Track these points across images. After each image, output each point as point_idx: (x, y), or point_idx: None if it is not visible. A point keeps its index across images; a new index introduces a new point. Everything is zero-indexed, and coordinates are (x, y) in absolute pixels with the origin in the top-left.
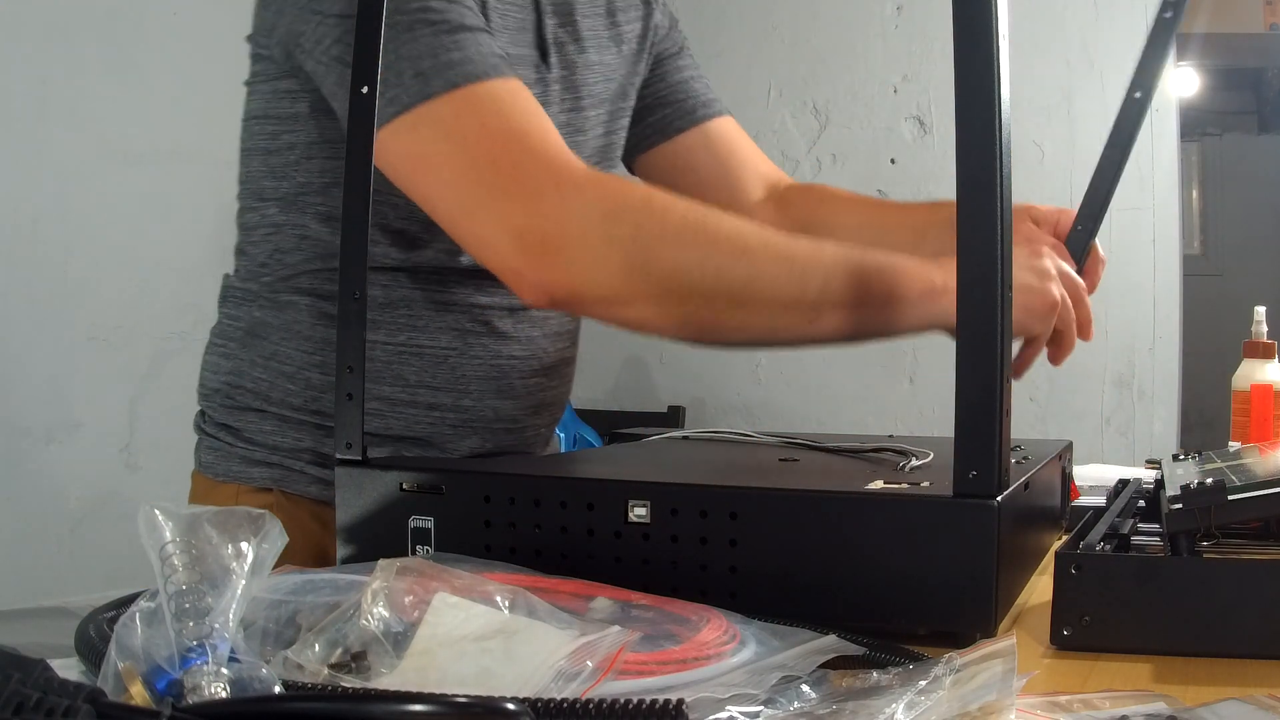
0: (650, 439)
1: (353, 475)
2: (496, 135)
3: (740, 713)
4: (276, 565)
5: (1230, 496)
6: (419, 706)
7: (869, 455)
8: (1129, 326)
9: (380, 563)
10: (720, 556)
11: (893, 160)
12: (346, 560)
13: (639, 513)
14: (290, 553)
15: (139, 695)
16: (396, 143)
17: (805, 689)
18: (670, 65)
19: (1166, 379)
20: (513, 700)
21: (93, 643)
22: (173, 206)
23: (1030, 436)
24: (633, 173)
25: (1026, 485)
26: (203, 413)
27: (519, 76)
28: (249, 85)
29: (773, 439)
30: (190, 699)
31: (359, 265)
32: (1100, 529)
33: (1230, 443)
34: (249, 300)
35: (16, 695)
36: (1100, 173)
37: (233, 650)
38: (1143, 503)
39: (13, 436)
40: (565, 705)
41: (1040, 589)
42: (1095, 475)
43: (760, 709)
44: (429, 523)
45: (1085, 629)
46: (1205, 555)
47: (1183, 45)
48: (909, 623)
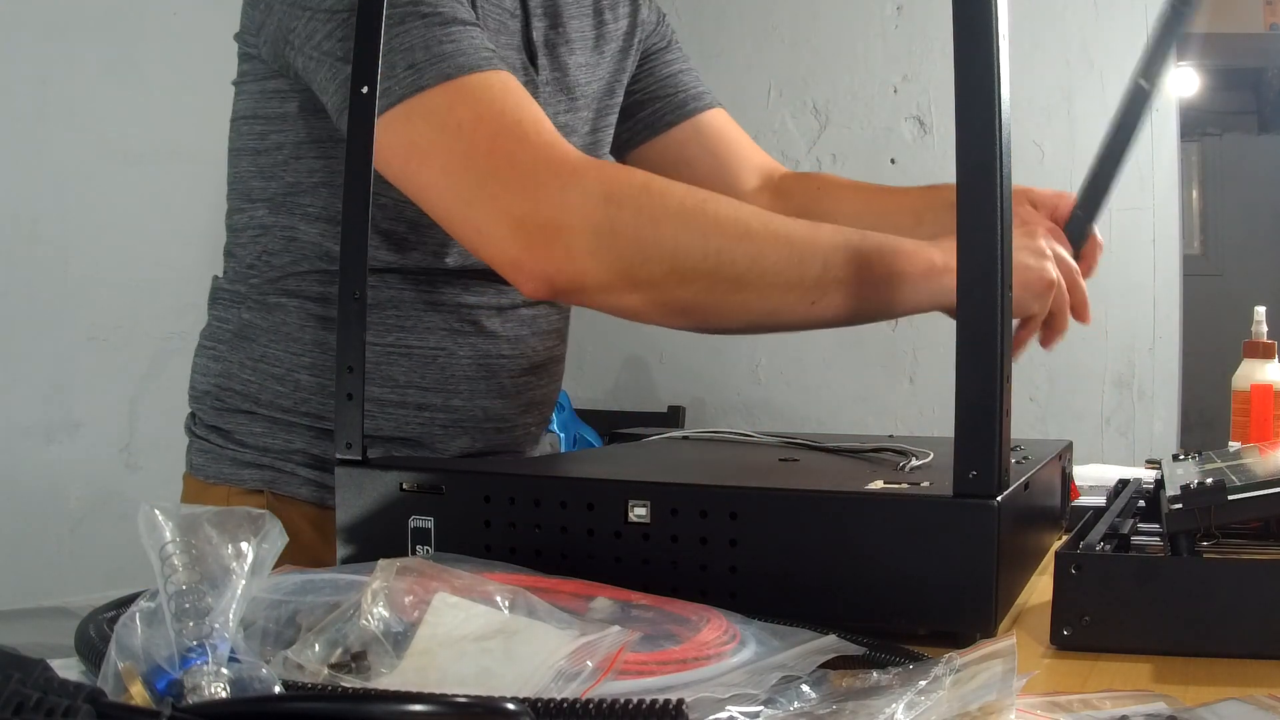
0: (650, 439)
1: (353, 475)
2: (491, 124)
3: (740, 713)
4: (275, 565)
5: (1230, 496)
6: (419, 706)
7: (869, 455)
8: (1129, 326)
9: (380, 563)
10: (720, 556)
11: (893, 160)
12: (346, 560)
13: (639, 513)
14: (282, 555)
15: (139, 695)
16: (390, 135)
17: (805, 689)
18: (659, 60)
19: (1166, 379)
20: (513, 700)
21: (93, 643)
22: (173, 206)
23: (1030, 436)
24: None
25: (1026, 485)
26: (193, 415)
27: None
28: (237, 85)
29: (773, 439)
30: (190, 699)
31: (359, 265)
32: (1100, 529)
33: (1230, 443)
34: (237, 302)
35: (16, 695)
36: (1102, 160)
37: (233, 650)
38: (1143, 503)
39: (13, 436)
40: (565, 705)
41: (1040, 589)
42: (1095, 475)
43: (760, 709)
44: (429, 523)
45: (1085, 629)
46: (1205, 555)
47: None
48: (909, 623)
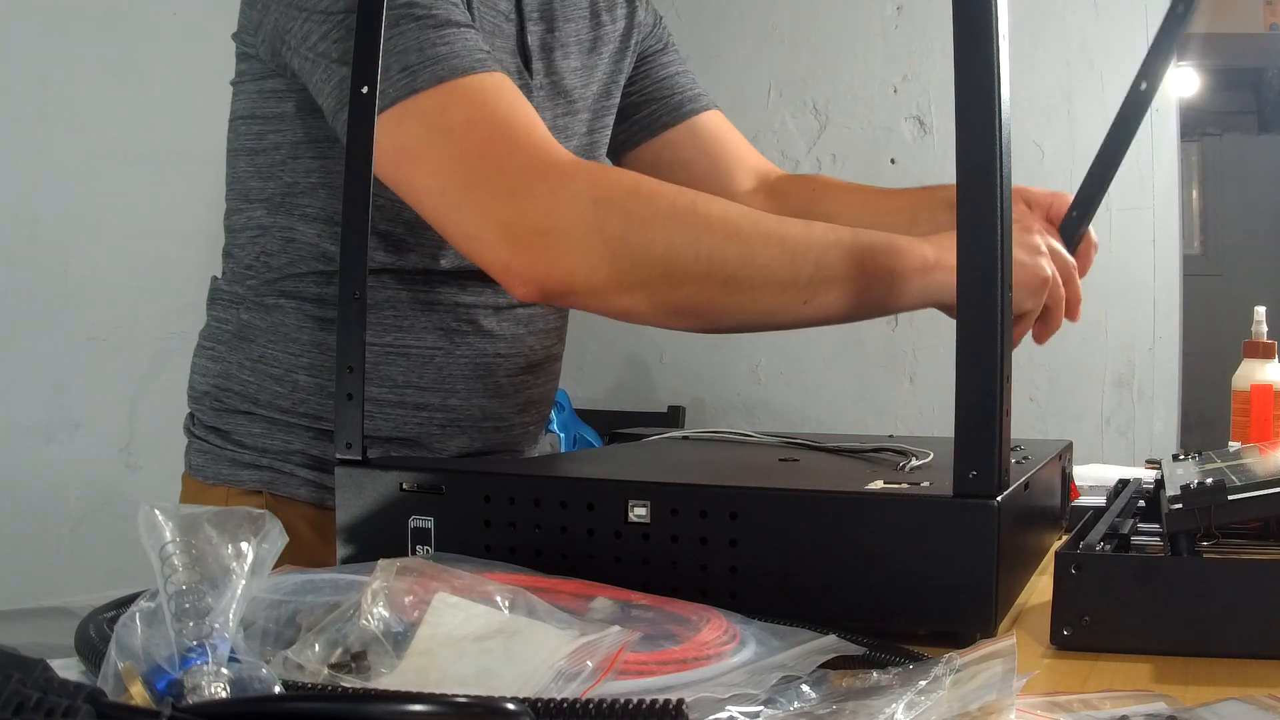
0: (650, 439)
1: (353, 475)
2: (483, 127)
3: (740, 713)
4: (275, 566)
5: (1230, 496)
6: (419, 706)
7: (869, 455)
8: (1129, 326)
9: (380, 563)
10: (720, 556)
11: (893, 160)
12: (346, 560)
13: (639, 513)
14: (281, 556)
15: (139, 695)
16: (383, 137)
17: (805, 689)
18: (655, 62)
19: (1166, 379)
20: (513, 700)
21: (93, 643)
22: (173, 206)
23: (1030, 436)
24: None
25: (1026, 485)
26: (192, 415)
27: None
28: (235, 85)
29: (773, 439)
30: (190, 699)
31: (359, 266)
32: (1100, 529)
33: (1230, 443)
34: (236, 303)
35: (16, 695)
36: (1099, 161)
37: (233, 650)
38: (1143, 503)
39: (13, 436)
40: (565, 705)
41: (1040, 589)
42: (1095, 475)
43: (760, 709)
44: (429, 523)
45: (1085, 629)
46: (1205, 555)
47: (1183, 45)
48: (909, 623)
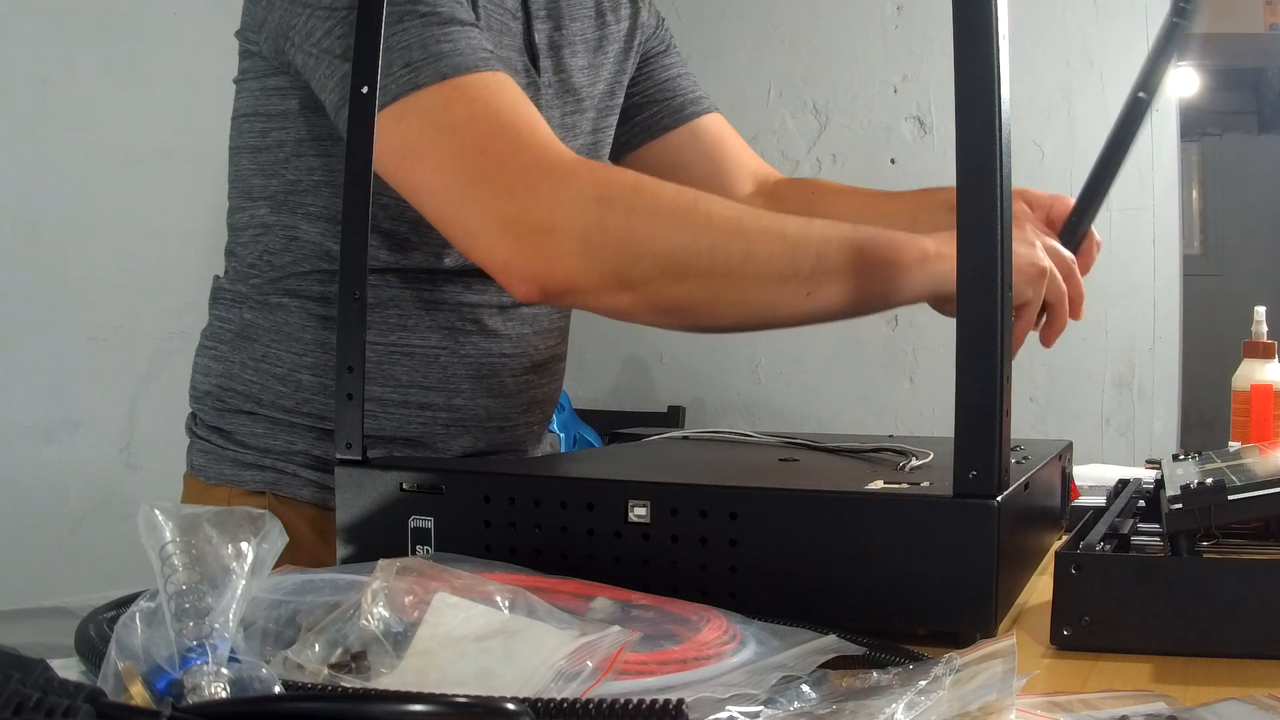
0: (650, 439)
1: (353, 475)
2: (486, 124)
3: (740, 713)
4: (275, 566)
5: (1230, 496)
6: (419, 706)
7: (869, 455)
8: (1129, 326)
9: (380, 563)
10: (720, 556)
11: (893, 160)
12: (346, 560)
13: (639, 513)
14: (282, 557)
15: (139, 695)
16: (384, 134)
17: (805, 689)
18: (657, 63)
19: (1166, 379)
20: (513, 700)
21: (93, 643)
22: (173, 206)
23: (1030, 436)
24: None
25: (1026, 485)
26: (194, 415)
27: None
28: (238, 83)
29: (773, 439)
30: (190, 699)
31: (359, 265)
32: (1100, 529)
33: (1230, 443)
34: (239, 302)
35: (16, 695)
36: (1099, 167)
37: (233, 650)
38: (1143, 503)
39: (13, 436)
40: (565, 705)
41: (1040, 589)
42: (1095, 475)
43: (760, 709)
44: (429, 523)
45: (1085, 629)
46: (1205, 555)
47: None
48: (909, 623)
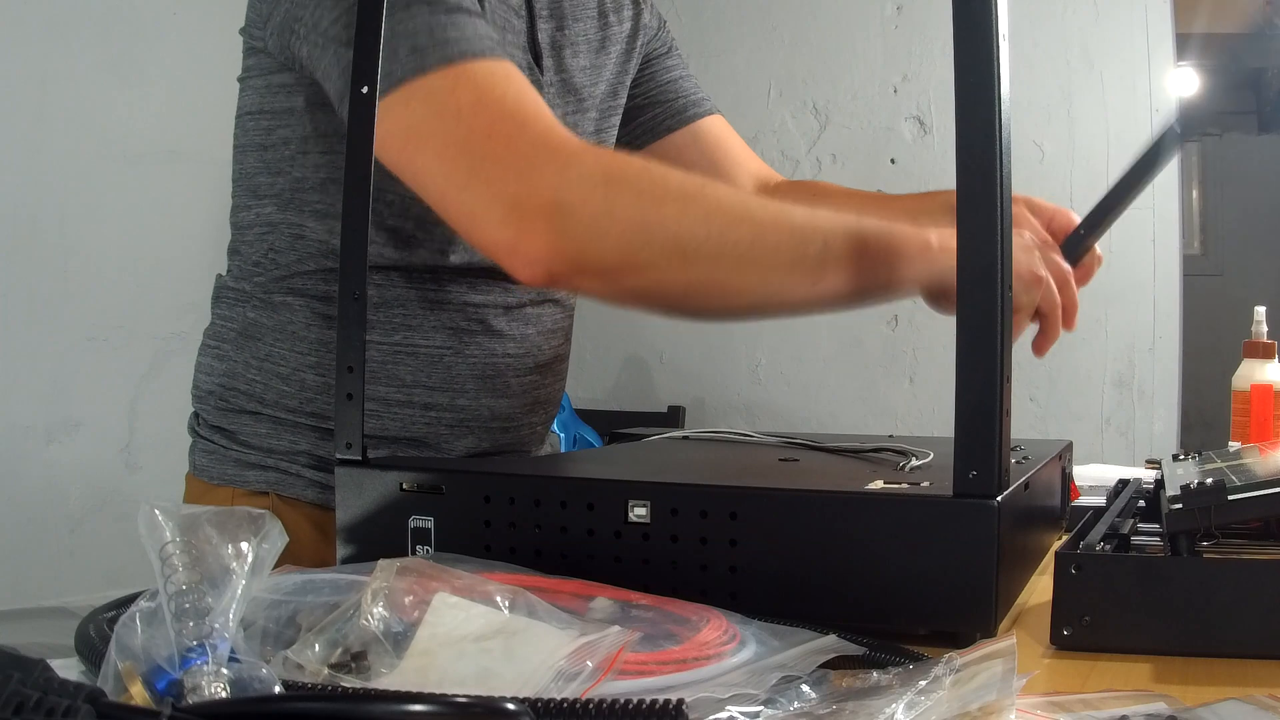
0: (650, 439)
1: (353, 475)
2: (492, 109)
3: (740, 713)
4: (276, 566)
5: (1230, 496)
6: (419, 706)
7: (869, 455)
8: (1129, 326)
9: (380, 563)
10: (720, 556)
11: (893, 160)
12: (346, 560)
13: (639, 513)
14: (286, 558)
15: (139, 695)
16: (388, 118)
17: (805, 689)
18: (659, 65)
19: (1166, 379)
20: (513, 700)
21: (93, 643)
22: (173, 206)
23: (1030, 436)
24: None
25: (1026, 485)
26: (197, 415)
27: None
28: (242, 81)
29: (773, 439)
30: (190, 699)
31: (359, 265)
32: (1100, 529)
33: (1230, 443)
34: (242, 301)
35: (16, 695)
36: (1119, 189)
37: (233, 650)
38: (1143, 503)
39: (13, 436)
40: (565, 705)
41: (1040, 589)
42: (1095, 475)
43: (760, 709)
44: (429, 523)
45: (1085, 629)
46: (1205, 555)
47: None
48: (909, 623)
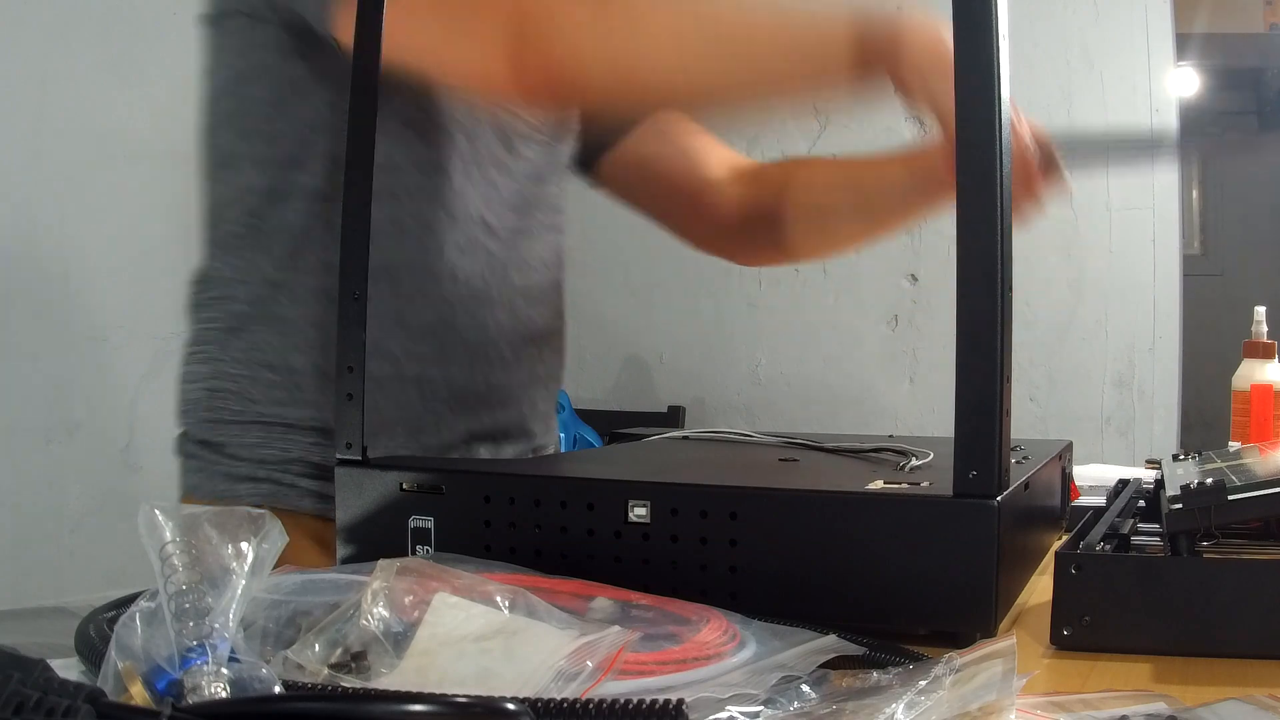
0: (650, 439)
1: (353, 475)
2: None
3: (740, 713)
4: (276, 567)
5: (1230, 496)
6: (419, 706)
7: (869, 455)
8: (1129, 326)
9: (380, 563)
10: (720, 556)
11: None
12: (346, 560)
13: (639, 513)
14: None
15: (139, 695)
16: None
17: (805, 689)
18: None
19: (1166, 379)
20: (513, 700)
21: (93, 643)
22: (172, 206)
23: (1030, 436)
24: (598, 176)
25: (1026, 485)
26: (184, 433)
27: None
28: None
29: (773, 439)
30: (190, 699)
31: (359, 265)
32: (1100, 529)
33: (1230, 443)
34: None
35: (16, 695)
36: (1113, 140)
37: (233, 650)
38: (1143, 503)
39: (13, 436)
40: (565, 705)
41: (1040, 589)
42: (1095, 475)
43: (760, 709)
44: (429, 523)
45: (1085, 629)
46: (1205, 555)
47: (1183, 45)
48: (909, 623)
